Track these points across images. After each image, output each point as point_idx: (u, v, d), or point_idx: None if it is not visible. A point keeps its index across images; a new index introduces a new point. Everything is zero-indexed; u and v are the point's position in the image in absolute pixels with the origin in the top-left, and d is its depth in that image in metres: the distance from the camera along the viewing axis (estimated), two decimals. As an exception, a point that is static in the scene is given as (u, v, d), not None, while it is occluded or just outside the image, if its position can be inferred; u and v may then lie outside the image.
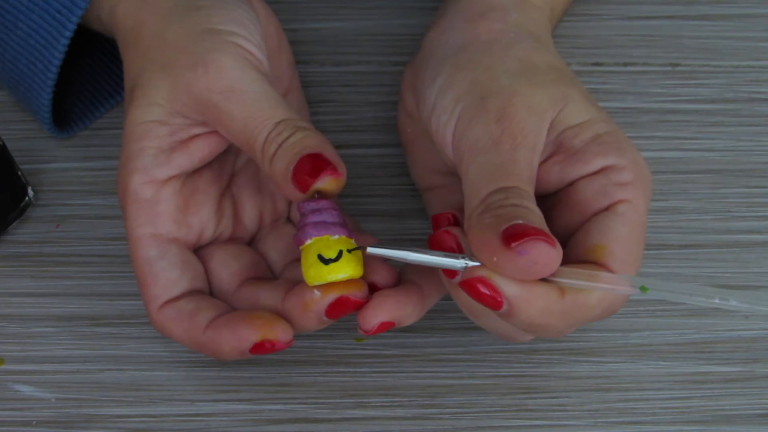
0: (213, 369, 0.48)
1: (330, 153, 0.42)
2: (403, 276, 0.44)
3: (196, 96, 0.43)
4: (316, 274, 0.41)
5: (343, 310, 0.42)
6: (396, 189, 0.53)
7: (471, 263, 0.40)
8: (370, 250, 0.41)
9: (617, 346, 0.49)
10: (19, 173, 0.50)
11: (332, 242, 0.42)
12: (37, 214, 0.53)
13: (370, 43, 0.58)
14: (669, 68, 0.58)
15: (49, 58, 0.49)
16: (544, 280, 0.39)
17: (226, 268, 0.46)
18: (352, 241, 0.42)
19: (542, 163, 0.43)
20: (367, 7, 0.59)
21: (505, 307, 0.39)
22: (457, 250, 0.41)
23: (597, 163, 0.42)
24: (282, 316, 0.43)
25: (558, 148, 0.43)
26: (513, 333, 0.43)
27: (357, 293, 0.42)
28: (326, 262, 0.41)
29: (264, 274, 0.47)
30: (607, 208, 0.42)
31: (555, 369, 0.49)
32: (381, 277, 0.43)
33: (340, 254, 0.41)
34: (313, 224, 0.42)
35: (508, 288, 0.39)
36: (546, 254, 0.38)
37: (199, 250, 0.46)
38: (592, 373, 0.49)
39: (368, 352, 0.49)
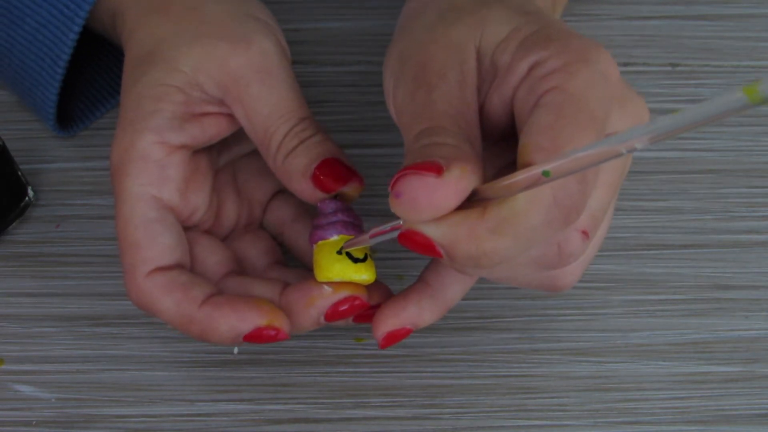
0: (213, 369, 0.48)
1: (348, 163, 0.43)
2: (420, 277, 0.43)
3: (229, 70, 0.43)
4: (341, 269, 0.41)
5: (347, 311, 0.42)
6: (396, 189, 0.53)
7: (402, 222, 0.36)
8: (345, 245, 0.42)
9: (617, 346, 0.49)
10: (19, 173, 0.50)
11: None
12: (37, 214, 0.53)
13: (370, 43, 0.58)
14: (669, 68, 0.57)
15: (57, 53, 0.48)
16: (463, 208, 0.35)
17: (213, 255, 0.45)
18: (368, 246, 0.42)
19: (487, 95, 0.39)
20: (367, 7, 0.59)
21: (441, 250, 0.35)
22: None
23: (522, 68, 0.37)
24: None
25: (496, 73, 0.38)
26: (535, 277, 0.40)
27: (364, 296, 0.42)
28: (355, 260, 0.42)
29: (245, 272, 0.46)
30: (534, 107, 0.36)
31: (555, 369, 0.49)
32: (379, 294, 0.43)
33: (366, 256, 0.42)
34: (343, 223, 0.42)
35: (430, 230, 0.35)
36: (419, 185, 0.34)
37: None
38: (592, 373, 0.49)
39: (368, 352, 0.49)
